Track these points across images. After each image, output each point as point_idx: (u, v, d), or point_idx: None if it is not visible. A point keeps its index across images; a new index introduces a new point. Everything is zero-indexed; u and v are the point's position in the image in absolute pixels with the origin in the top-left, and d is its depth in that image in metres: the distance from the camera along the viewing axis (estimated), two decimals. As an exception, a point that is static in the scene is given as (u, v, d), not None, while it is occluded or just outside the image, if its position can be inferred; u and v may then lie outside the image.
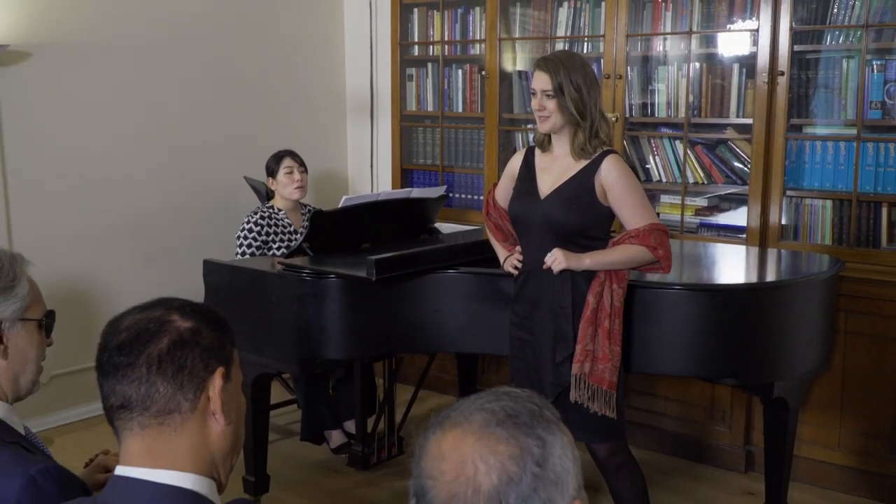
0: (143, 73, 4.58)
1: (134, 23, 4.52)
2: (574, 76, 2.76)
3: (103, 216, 4.49)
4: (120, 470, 1.30)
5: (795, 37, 3.78)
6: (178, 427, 1.29)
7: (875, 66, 3.67)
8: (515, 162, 3.03)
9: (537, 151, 2.95)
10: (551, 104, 2.78)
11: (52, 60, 4.24)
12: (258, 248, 4.09)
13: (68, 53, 4.29)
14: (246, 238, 4.09)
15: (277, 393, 4.15)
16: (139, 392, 1.27)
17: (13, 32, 4.08)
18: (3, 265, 1.62)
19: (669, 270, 2.81)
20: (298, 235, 4.15)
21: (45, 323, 1.69)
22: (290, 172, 4.22)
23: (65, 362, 4.09)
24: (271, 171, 4.28)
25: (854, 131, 3.72)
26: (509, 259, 3.03)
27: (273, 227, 4.15)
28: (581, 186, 2.79)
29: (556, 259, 2.76)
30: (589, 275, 2.79)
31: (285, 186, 4.21)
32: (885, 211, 3.71)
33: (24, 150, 4.21)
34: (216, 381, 1.31)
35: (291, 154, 4.30)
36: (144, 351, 1.28)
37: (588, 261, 2.76)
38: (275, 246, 4.12)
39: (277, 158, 4.27)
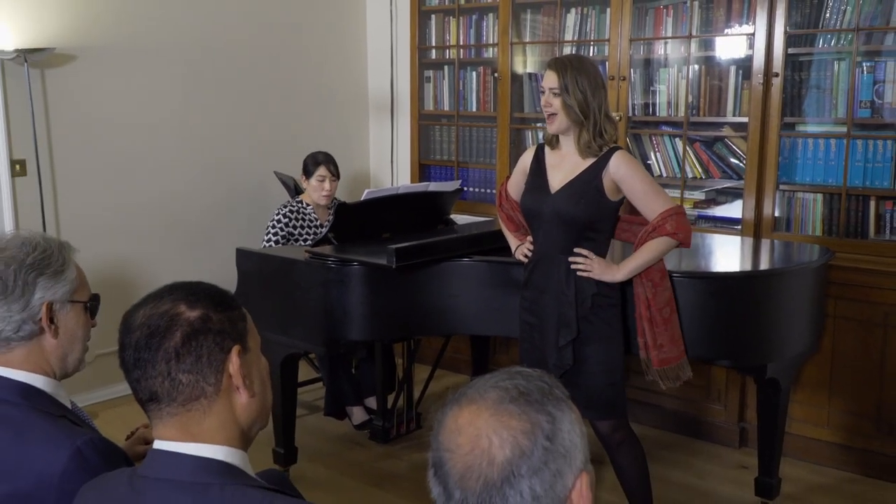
0: (181, 74, 4.59)
1: (173, 28, 4.52)
2: (580, 78, 2.75)
3: (143, 207, 4.51)
4: (158, 444, 1.30)
5: (789, 40, 3.76)
6: (206, 409, 1.28)
7: (865, 68, 3.63)
8: (526, 158, 3.02)
9: (547, 149, 2.94)
10: (557, 102, 2.77)
11: (96, 62, 4.25)
12: (284, 238, 4.09)
13: (111, 56, 4.30)
14: (273, 228, 4.10)
15: (304, 371, 4.16)
16: (164, 386, 1.27)
17: (60, 37, 4.09)
18: (53, 251, 1.62)
19: (690, 245, 2.83)
20: (323, 229, 4.15)
21: (91, 305, 1.69)
22: (322, 181, 4.18)
23: (109, 342, 4.10)
24: (307, 171, 4.22)
25: (844, 129, 3.69)
26: (520, 248, 3.03)
27: (300, 221, 4.15)
28: (589, 182, 2.78)
29: (593, 270, 2.77)
30: None
31: (315, 191, 4.19)
32: (872, 204, 3.68)
33: (70, 147, 4.22)
34: (234, 359, 1.30)
35: (328, 162, 4.21)
36: (161, 347, 1.26)
37: (621, 274, 2.78)
38: (301, 239, 4.12)
39: (315, 162, 4.20)
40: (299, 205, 4.20)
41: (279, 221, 4.10)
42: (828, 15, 3.70)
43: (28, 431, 1.51)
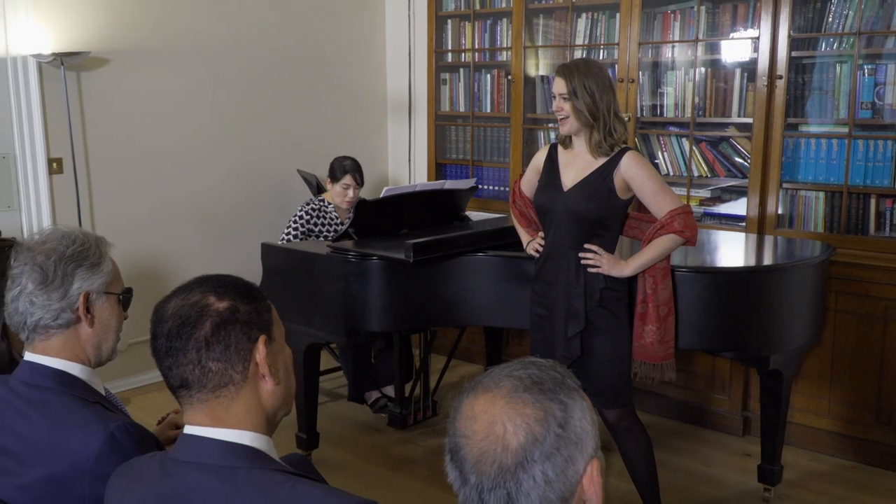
0: (209, 77, 4.60)
1: (202, 33, 4.54)
2: (588, 82, 2.74)
3: (173, 203, 4.53)
4: (188, 429, 1.31)
5: (793, 44, 3.72)
6: (233, 395, 1.29)
7: (866, 70, 3.60)
8: (540, 157, 3.01)
9: (560, 148, 2.93)
10: (567, 106, 2.77)
11: (129, 65, 4.27)
12: (303, 234, 4.10)
13: (143, 59, 4.32)
14: (294, 224, 4.11)
15: (325, 360, 4.17)
16: (194, 374, 1.27)
17: (94, 41, 4.11)
18: (91, 245, 1.63)
19: (696, 243, 2.82)
20: (342, 227, 4.16)
21: (124, 298, 1.70)
22: (347, 188, 4.15)
23: (140, 332, 4.13)
24: (333, 175, 4.18)
25: (846, 129, 3.66)
26: (531, 243, 3.03)
27: (321, 219, 4.16)
28: (601, 181, 2.76)
29: (602, 265, 2.77)
30: None
31: (338, 196, 4.16)
32: (873, 202, 3.65)
33: (104, 146, 4.24)
34: (260, 348, 1.30)
35: (355, 171, 4.17)
36: (191, 337, 1.27)
37: (629, 269, 2.77)
38: (321, 236, 4.13)
39: (343, 170, 4.15)
40: (322, 203, 4.20)
41: (300, 218, 4.11)
42: (830, 19, 3.67)
43: (64, 416, 1.51)
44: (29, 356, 1.61)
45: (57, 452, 1.48)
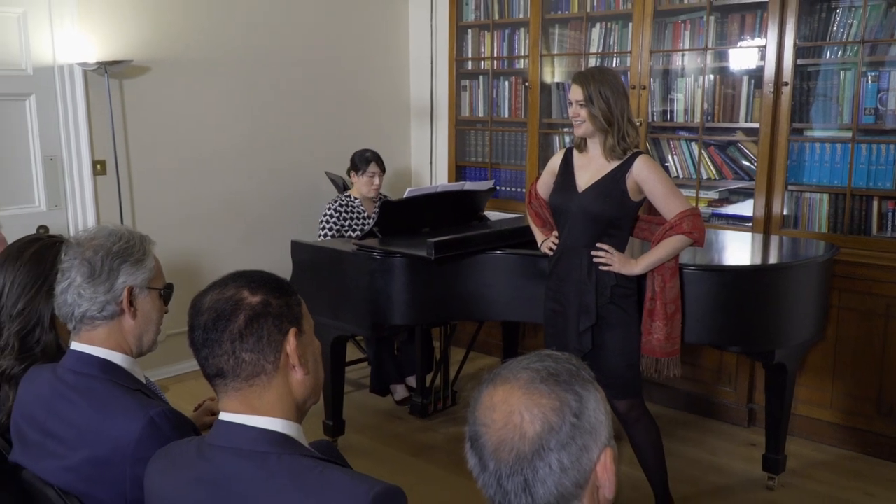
0: (243, 84, 4.62)
1: (237, 43, 4.56)
2: (603, 89, 2.73)
3: (209, 203, 4.56)
4: (223, 416, 1.32)
5: (798, 52, 3.69)
6: (265, 384, 1.30)
7: (869, 77, 3.56)
8: (556, 160, 3.00)
9: (575, 152, 2.92)
10: (584, 112, 2.76)
11: (168, 73, 4.30)
12: (336, 230, 4.12)
13: (181, 67, 4.35)
14: (327, 223, 4.13)
15: (351, 352, 4.19)
16: (229, 364, 1.28)
17: (136, 50, 4.15)
18: (135, 242, 1.64)
19: (703, 244, 2.80)
20: (370, 220, 4.17)
21: (165, 293, 1.71)
22: (373, 177, 4.17)
23: (178, 324, 4.16)
24: (356, 168, 4.20)
25: (849, 134, 3.62)
26: (546, 242, 3.02)
27: (349, 214, 4.17)
28: (614, 183, 2.76)
29: (613, 264, 2.76)
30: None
31: (365, 185, 4.19)
32: (875, 203, 3.61)
33: (145, 149, 4.28)
34: (291, 340, 1.31)
35: (377, 160, 4.20)
36: (226, 329, 1.28)
37: (639, 268, 2.76)
38: (350, 229, 4.15)
39: (365, 161, 4.18)
40: (348, 199, 4.22)
41: (331, 216, 4.13)
42: (835, 28, 3.63)
43: (107, 402, 1.53)
44: (75, 345, 1.63)
45: (100, 436, 1.49)
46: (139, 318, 1.64)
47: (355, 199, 4.23)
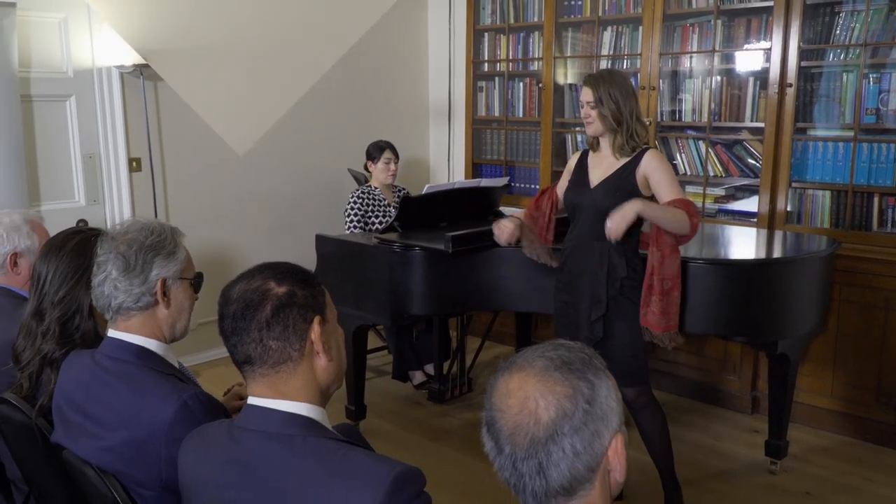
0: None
1: (266, 45, 4.56)
2: (612, 90, 2.72)
3: (238, 199, 4.58)
4: (251, 400, 1.32)
5: (802, 54, 3.65)
6: (291, 370, 1.30)
7: (871, 79, 3.51)
8: (572, 162, 2.99)
9: (590, 152, 2.91)
10: (594, 113, 2.75)
11: (200, 76, 4.31)
12: (360, 220, 4.14)
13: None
14: (349, 214, 4.15)
15: (372, 340, 4.20)
16: (256, 351, 1.29)
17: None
18: (167, 236, 1.65)
19: (690, 239, 2.71)
20: (392, 209, 4.18)
21: (196, 282, 1.72)
22: (388, 163, 4.26)
23: (208, 312, 4.18)
24: (372, 157, 4.29)
25: (851, 133, 3.57)
26: (506, 236, 2.99)
27: (371, 203, 4.20)
28: (624, 179, 2.74)
29: (613, 220, 2.60)
30: (625, 253, 2.75)
31: (381, 172, 4.25)
32: (876, 200, 3.57)
33: (178, 147, 4.30)
34: (315, 329, 1.31)
35: (390, 147, 4.30)
36: (254, 318, 1.28)
37: (637, 207, 2.60)
38: (374, 219, 4.16)
39: (380, 149, 4.28)
40: (368, 188, 4.25)
41: (353, 207, 4.15)
42: (838, 31, 3.58)
43: (143, 386, 1.54)
44: (112, 332, 1.64)
45: (137, 418, 1.50)
46: (172, 307, 1.65)
47: (375, 188, 4.26)
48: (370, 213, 4.16)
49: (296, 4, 4.60)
